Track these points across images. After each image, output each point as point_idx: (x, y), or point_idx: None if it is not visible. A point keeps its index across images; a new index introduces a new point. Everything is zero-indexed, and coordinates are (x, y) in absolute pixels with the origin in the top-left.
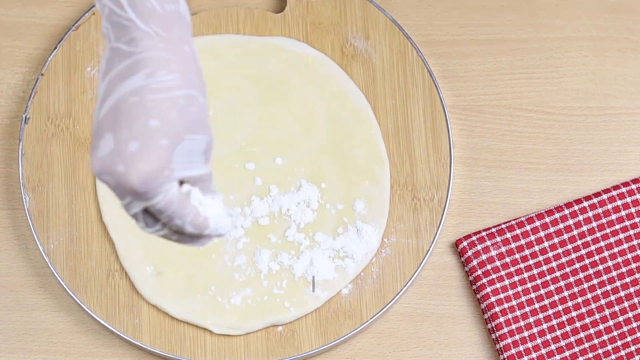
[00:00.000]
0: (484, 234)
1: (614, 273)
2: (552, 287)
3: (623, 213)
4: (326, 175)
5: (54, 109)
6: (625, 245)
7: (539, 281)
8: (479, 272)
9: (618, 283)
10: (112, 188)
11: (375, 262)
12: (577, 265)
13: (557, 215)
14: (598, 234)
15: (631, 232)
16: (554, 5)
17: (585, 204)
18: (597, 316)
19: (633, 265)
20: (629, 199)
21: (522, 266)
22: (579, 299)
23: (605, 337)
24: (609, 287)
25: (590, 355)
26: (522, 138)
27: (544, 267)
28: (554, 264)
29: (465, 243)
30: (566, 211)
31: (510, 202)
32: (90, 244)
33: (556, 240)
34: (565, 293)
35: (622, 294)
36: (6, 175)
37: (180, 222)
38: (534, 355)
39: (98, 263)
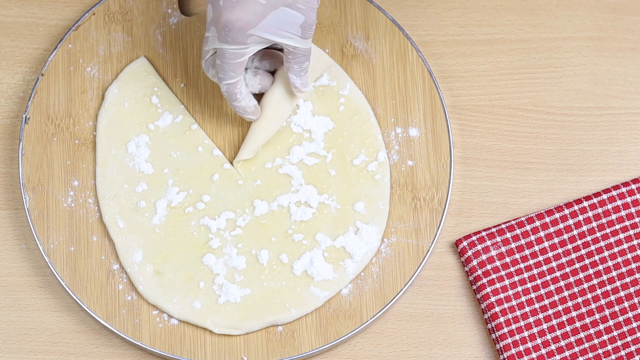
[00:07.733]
0: (484, 234)
1: (614, 273)
2: (552, 287)
3: (623, 213)
4: (326, 176)
5: (54, 109)
6: (625, 245)
7: (539, 281)
8: (479, 272)
9: (618, 283)
10: (209, 18)
11: (375, 262)
12: (577, 265)
13: (557, 215)
14: (598, 234)
15: (631, 232)
16: (553, 5)
17: (585, 204)
18: (597, 316)
19: (633, 265)
20: (629, 199)
21: (522, 266)
22: (579, 299)
23: (605, 337)
24: (609, 287)
25: (590, 355)
26: (522, 138)
27: (544, 267)
28: (554, 264)
29: (465, 243)
30: (566, 211)
31: (510, 202)
32: (90, 244)
33: (556, 240)
34: (565, 293)
35: (622, 294)
36: (6, 175)
37: (222, 76)
38: (534, 355)
39: (98, 263)
